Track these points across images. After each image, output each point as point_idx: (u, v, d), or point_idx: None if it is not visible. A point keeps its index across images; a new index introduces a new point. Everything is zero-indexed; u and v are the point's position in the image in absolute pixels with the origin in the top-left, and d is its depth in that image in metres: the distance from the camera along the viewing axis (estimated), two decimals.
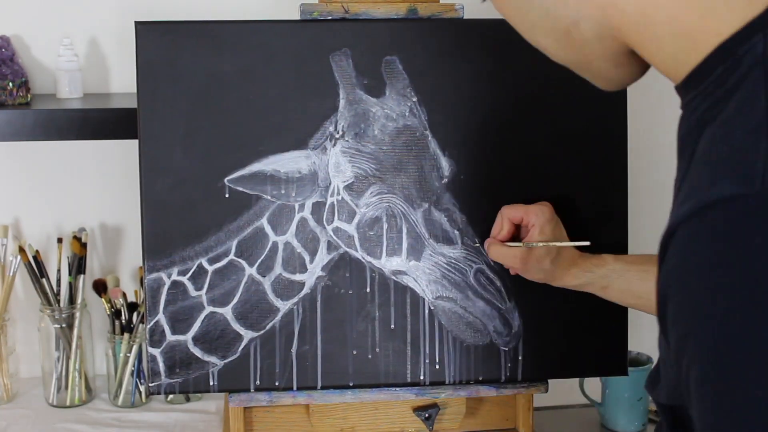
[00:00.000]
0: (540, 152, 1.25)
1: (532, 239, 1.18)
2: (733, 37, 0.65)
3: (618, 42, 0.75)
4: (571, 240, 1.19)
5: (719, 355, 0.59)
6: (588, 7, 0.74)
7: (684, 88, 0.70)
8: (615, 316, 1.27)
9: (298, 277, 1.22)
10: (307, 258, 1.22)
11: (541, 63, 1.24)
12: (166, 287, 1.21)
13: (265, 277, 1.22)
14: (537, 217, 1.18)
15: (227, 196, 1.21)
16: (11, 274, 1.53)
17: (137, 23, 1.19)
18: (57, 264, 1.55)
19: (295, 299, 1.22)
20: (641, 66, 0.79)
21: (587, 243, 1.17)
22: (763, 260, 0.58)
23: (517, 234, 1.22)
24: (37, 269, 1.51)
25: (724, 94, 0.65)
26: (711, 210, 0.60)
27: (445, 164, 1.23)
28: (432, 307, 1.24)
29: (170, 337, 1.21)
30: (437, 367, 1.25)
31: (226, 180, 1.20)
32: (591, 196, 1.26)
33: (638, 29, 0.72)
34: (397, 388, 1.25)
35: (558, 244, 1.18)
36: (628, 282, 1.17)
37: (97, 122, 1.36)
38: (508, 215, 1.20)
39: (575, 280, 1.19)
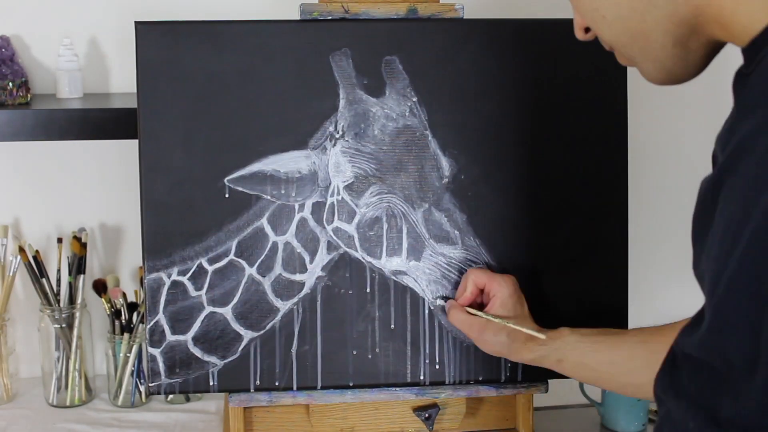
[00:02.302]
0: (540, 152, 1.25)
1: (492, 310, 1.17)
2: None
3: (690, 6, 0.76)
4: (528, 326, 1.16)
5: None
6: None
7: (754, 45, 0.72)
8: (615, 317, 1.27)
9: (298, 277, 1.22)
10: (307, 258, 1.22)
11: (541, 63, 1.24)
12: (166, 287, 1.21)
13: (265, 277, 1.22)
14: (500, 287, 1.17)
15: (227, 196, 1.21)
16: (11, 274, 1.53)
17: (137, 23, 1.19)
18: (57, 264, 1.55)
19: (295, 299, 1.22)
20: (697, 56, 0.79)
21: (543, 337, 1.14)
22: None
23: (481, 299, 1.21)
24: (37, 269, 1.51)
25: None
26: None
27: (446, 164, 1.23)
28: (432, 308, 1.24)
29: (170, 337, 1.21)
30: (437, 367, 1.25)
31: (226, 180, 1.20)
32: (591, 196, 1.26)
33: None
34: (397, 388, 1.25)
35: (516, 327, 1.15)
36: (582, 354, 1.14)
37: (97, 122, 1.36)
38: (473, 278, 1.19)
39: (531, 353, 1.16)
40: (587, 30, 0.90)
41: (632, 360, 1.10)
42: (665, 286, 1.77)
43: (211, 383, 1.22)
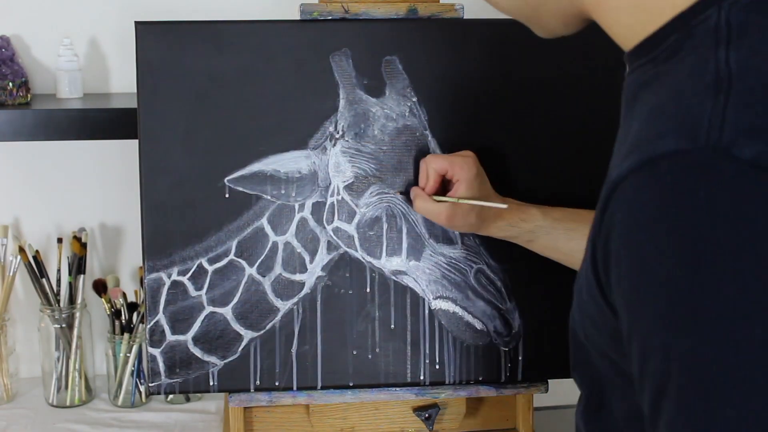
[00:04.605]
0: (540, 152, 1.25)
1: (458, 193, 1.15)
2: (688, 9, 0.69)
3: (574, 7, 0.80)
4: (493, 201, 1.16)
5: (672, 319, 0.61)
6: None
7: (635, 54, 0.74)
8: None
9: (298, 277, 1.22)
10: (307, 258, 1.22)
11: (541, 63, 1.24)
12: (166, 287, 1.21)
13: (265, 277, 1.22)
14: (462, 171, 1.15)
15: (227, 196, 1.21)
16: (11, 274, 1.53)
17: (137, 23, 1.19)
18: (57, 264, 1.55)
19: (295, 299, 1.22)
20: (585, 24, 0.83)
21: (505, 206, 1.15)
22: (705, 215, 0.60)
23: (442, 186, 1.18)
24: (37, 269, 1.51)
25: (674, 60, 0.69)
26: (658, 163, 0.62)
27: None
28: (432, 307, 1.24)
29: (170, 337, 1.21)
30: (437, 367, 1.25)
31: (226, 180, 1.20)
32: (591, 196, 1.26)
33: (598, 1, 0.77)
34: (397, 388, 1.25)
35: (483, 203, 1.15)
36: (555, 239, 1.16)
37: (97, 122, 1.36)
38: (433, 166, 1.17)
39: (501, 232, 1.18)
40: None
41: None
42: None
43: (211, 383, 1.22)
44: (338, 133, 1.21)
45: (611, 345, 0.72)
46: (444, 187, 1.18)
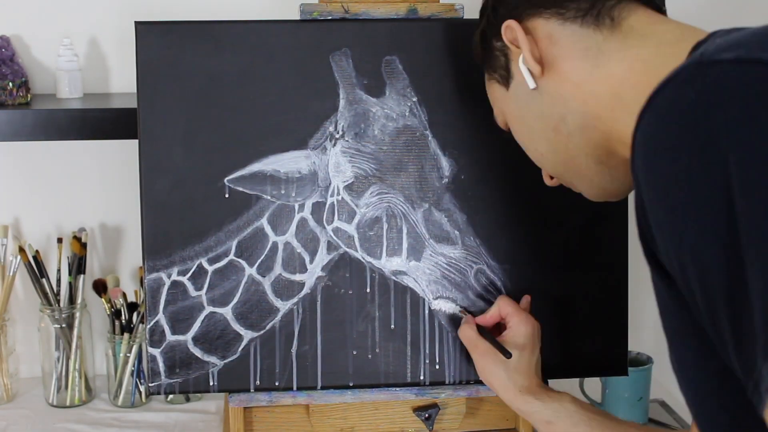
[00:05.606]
0: None
1: (501, 336, 1.18)
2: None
3: (599, 132, 0.89)
4: (533, 372, 1.16)
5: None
6: (572, 101, 0.91)
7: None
8: (615, 316, 1.27)
9: (298, 277, 1.22)
10: (307, 258, 1.22)
11: None
12: (166, 287, 1.21)
13: (265, 277, 1.22)
14: (519, 324, 1.17)
15: (227, 196, 1.21)
16: (11, 274, 1.53)
17: (137, 23, 1.19)
18: (57, 264, 1.55)
19: (295, 299, 1.22)
20: (620, 172, 0.92)
21: (509, 354, 1.14)
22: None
23: (497, 329, 1.21)
24: (37, 269, 1.51)
25: None
26: None
27: (446, 164, 1.23)
28: (432, 308, 1.24)
29: (170, 337, 1.21)
30: (437, 367, 1.25)
31: (226, 180, 1.20)
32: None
33: (612, 107, 0.86)
34: (397, 388, 1.25)
35: (496, 342, 1.16)
36: (574, 424, 1.10)
37: (97, 122, 1.36)
38: (501, 304, 1.20)
39: (524, 404, 1.14)
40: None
41: None
42: None
43: (211, 383, 1.22)
44: (338, 133, 1.21)
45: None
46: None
